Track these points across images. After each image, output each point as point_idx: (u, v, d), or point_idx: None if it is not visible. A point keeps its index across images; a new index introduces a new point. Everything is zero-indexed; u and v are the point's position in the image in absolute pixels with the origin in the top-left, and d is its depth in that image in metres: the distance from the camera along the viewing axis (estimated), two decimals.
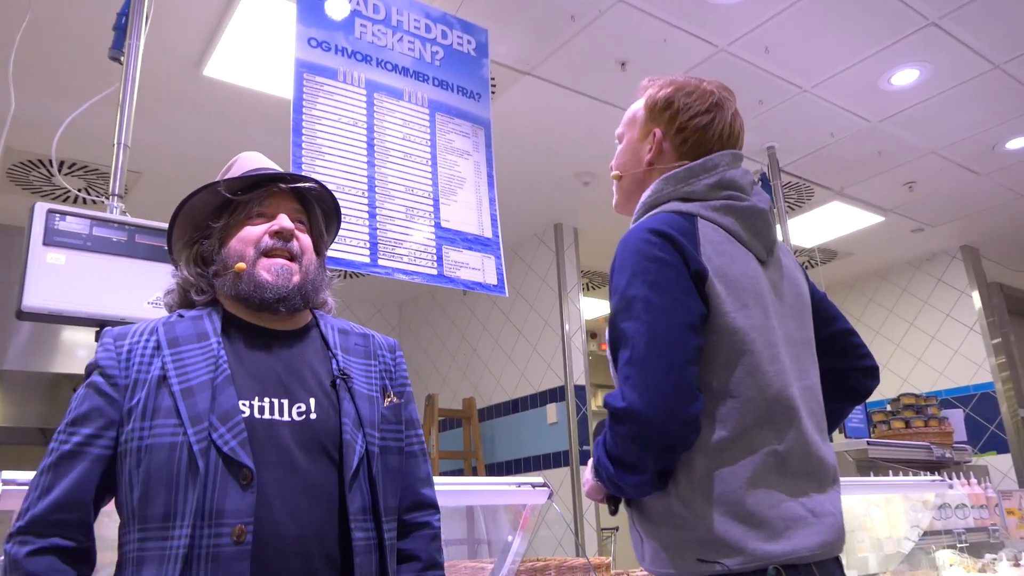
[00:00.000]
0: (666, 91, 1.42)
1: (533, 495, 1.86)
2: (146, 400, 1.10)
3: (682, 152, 1.39)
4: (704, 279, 1.22)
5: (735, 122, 1.42)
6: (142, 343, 1.17)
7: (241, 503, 1.05)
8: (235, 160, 1.36)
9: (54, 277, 1.72)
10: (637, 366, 1.16)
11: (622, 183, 1.48)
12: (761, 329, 1.25)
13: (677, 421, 1.13)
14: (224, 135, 3.78)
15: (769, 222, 1.37)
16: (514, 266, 5.35)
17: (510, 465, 5.21)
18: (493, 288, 2.51)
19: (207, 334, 1.19)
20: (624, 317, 1.21)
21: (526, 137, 3.96)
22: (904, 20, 3.15)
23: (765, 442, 1.20)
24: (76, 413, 1.12)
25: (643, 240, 1.24)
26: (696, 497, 1.18)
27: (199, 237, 1.29)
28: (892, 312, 6.14)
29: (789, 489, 1.19)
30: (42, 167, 4.00)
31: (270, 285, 1.22)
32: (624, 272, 1.24)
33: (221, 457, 1.06)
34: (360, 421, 1.20)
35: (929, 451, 4.02)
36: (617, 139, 1.51)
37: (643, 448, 1.15)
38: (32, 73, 3.16)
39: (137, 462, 1.07)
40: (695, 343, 1.18)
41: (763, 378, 1.22)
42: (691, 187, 1.34)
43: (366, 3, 2.57)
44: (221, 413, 1.09)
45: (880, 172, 4.56)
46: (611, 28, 3.11)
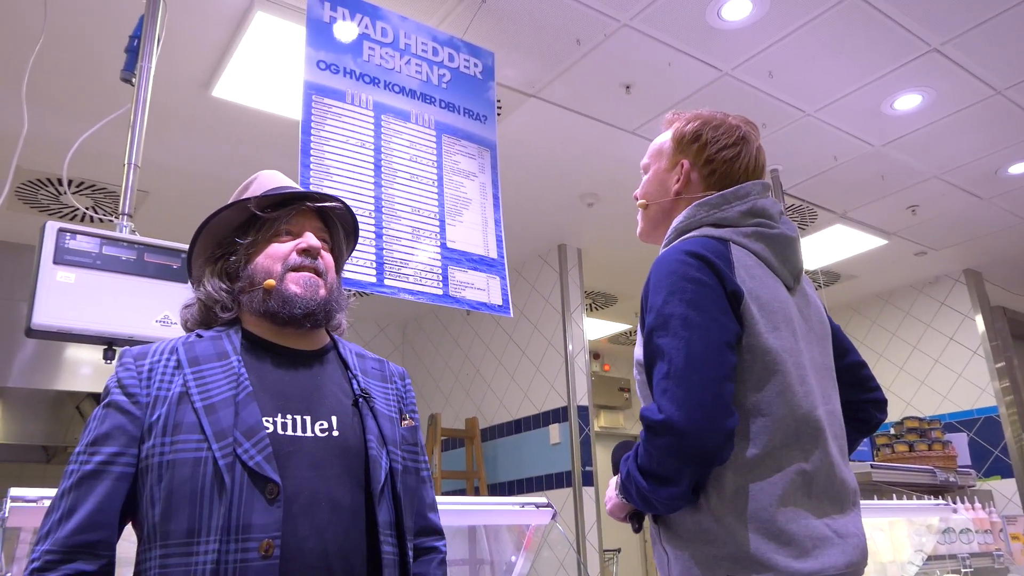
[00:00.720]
0: (694, 124, 1.47)
1: (537, 515, 1.86)
2: (167, 416, 1.10)
3: (709, 183, 1.44)
4: (740, 300, 1.26)
5: (760, 156, 1.48)
6: (163, 362, 1.16)
7: (268, 517, 1.04)
8: (255, 177, 1.36)
9: (64, 295, 1.74)
10: (675, 380, 1.19)
11: (648, 212, 1.53)
12: (791, 351, 1.29)
13: (715, 433, 1.16)
14: (233, 155, 3.81)
15: (797, 250, 1.42)
16: (518, 286, 5.36)
17: (512, 485, 5.19)
18: (498, 308, 2.53)
19: (227, 353, 1.18)
20: (661, 333, 1.24)
21: (531, 159, 3.99)
22: (906, 46, 3.18)
23: (793, 461, 1.23)
24: (97, 433, 1.10)
25: (680, 261, 1.28)
26: (727, 513, 1.20)
27: (223, 253, 1.28)
28: (895, 335, 6.13)
29: (814, 510, 1.22)
30: (51, 186, 4.03)
31: (299, 298, 1.22)
32: (660, 291, 1.27)
33: (247, 472, 1.06)
34: (383, 439, 1.21)
35: (933, 475, 4.01)
36: (643, 170, 1.56)
37: (680, 460, 1.17)
38: (44, 94, 3.20)
39: (159, 478, 1.06)
40: (731, 361, 1.21)
41: (793, 398, 1.25)
42: (724, 213, 1.38)
43: (374, 26, 2.61)
44: (245, 429, 1.09)
45: (883, 196, 4.58)
46: (616, 52, 3.15)
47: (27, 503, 1.26)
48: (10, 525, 1.24)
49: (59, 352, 4.61)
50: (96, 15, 2.80)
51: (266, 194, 1.28)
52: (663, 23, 2.98)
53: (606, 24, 2.98)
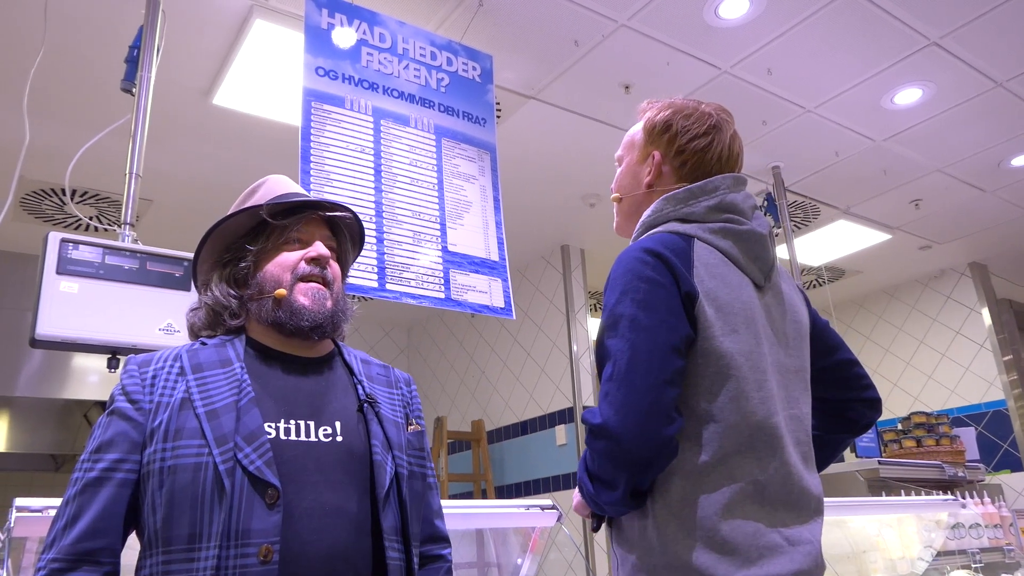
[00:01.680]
0: (664, 114, 1.42)
1: (542, 517, 1.87)
2: (168, 421, 1.10)
3: (681, 174, 1.39)
4: (694, 301, 1.22)
5: (734, 144, 1.42)
6: (166, 368, 1.16)
7: (267, 522, 1.04)
8: (264, 182, 1.35)
9: (67, 305, 1.75)
10: (616, 383, 1.16)
11: (622, 205, 1.49)
12: (749, 354, 1.23)
13: (650, 440, 1.13)
14: (234, 162, 3.83)
15: (768, 247, 1.36)
16: (522, 288, 5.37)
17: (520, 487, 5.19)
18: (500, 311, 2.53)
19: (230, 360, 1.18)
20: (611, 334, 1.21)
21: (532, 160, 4.00)
22: (905, 40, 3.18)
23: (746, 470, 1.18)
24: (100, 440, 1.10)
25: (636, 259, 1.25)
26: (671, 521, 1.17)
27: (231, 259, 1.28)
28: (901, 330, 6.11)
29: (768, 519, 1.18)
30: (55, 196, 4.05)
31: (307, 311, 1.22)
32: (615, 290, 1.24)
33: (247, 476, 1.06)
34: (389, 444, 1.21)
35: (941, 470, 3.99)
36: (617, 162, 1.52)
37: (616, 466, 1.15)
38: (46, 105, 3.22)
39: (160, 483, 1.06)
40: (677, 365, 1.17)
41: (747, 404, 1.20)
42: (691, 208, 1.34)
43: (372, 32, 2.62)
44: (246, 433, 1.09)
45: (886, 190, 4.57)
46: (614, 52, 3.15)
47: (32, 512, 1.27)
48: (16, 535, 1.25)
49: (66, 361, 4.63)
50: (96, 26, 2.81)
51: (277, 201, 1.27)
52: (660, 23, 2.98)
53: (604, 25, 2.98)
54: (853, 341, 6.20)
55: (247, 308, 1.25)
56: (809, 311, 1.46)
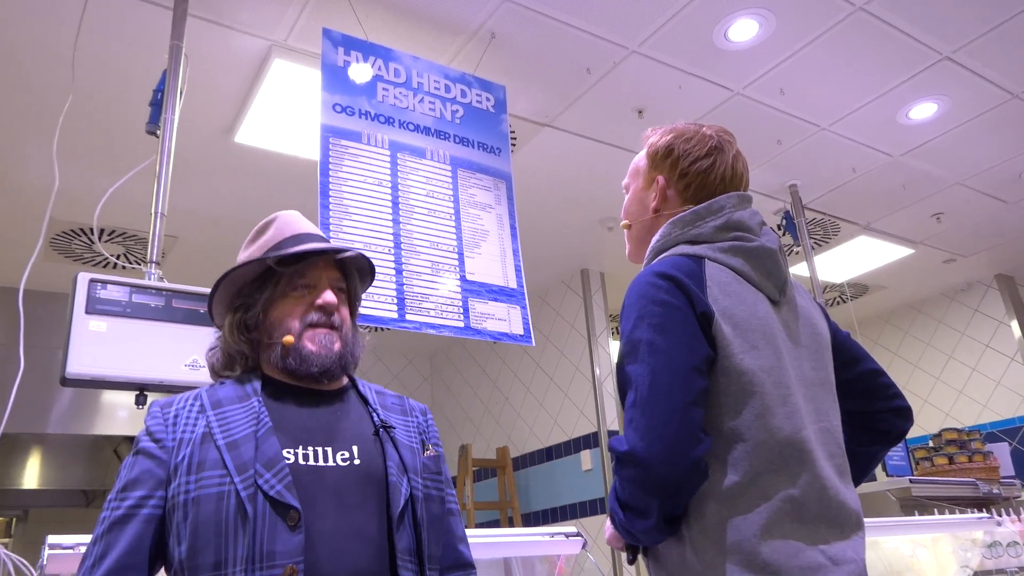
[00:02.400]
0: (666, 139, 1.44)
1: (567, 545, 1.86)
2: (191, 456, 1.13)
3: (686, 197, 1.40)
4: (710, 321, 1.22)
5: (737, 163, 1.42)
6: (187, 408, 1.20)
7: (290, 544, 1.06)
8: (274, 219, 1.37)
9: (96, 344, 1.79)
10: (640, 409, 1.16)
11: (632, 232, 1.50)
12: (771, 370, 1.23)
13: (679, 464, 1.12)
14: (255, 198, 3.90)
15: (779, 262, 1.36)
16: (543, 313, 5.38)
17: (547, 514, 5.16)
18: (520, 338, 2.55)
19: (248, 395, 1.22)
20: (630, 360, 1.22)
21: (549, 186, 4.03)
22: (917, 56, 3.18)
23: (779, 487, 1.17)
24: (127, 479, 1.13)
25: (649, 284, 1.25)
26: (709, 546, 1.15)
27: (241, 304, 1.31)
28: (929, 345, 6.03)
29: (808, 537, 1.16)
30: (83, 236, 4.14)
31: (315, 357, 1.25)
32: (630, 316, 1.25)
33: (268, 501, 1.08)
34: (404, 467, 1.23)
35: (975, 487, 3.92)
36: (624, 189, 1.53)
37: (646, 492, 1.14)
38: (75, 149, 3.31)
39: (184, 515, 1.08)
40: (700, 385, 1.17)
41: (773, 420, 1.19)
42: (698, 230, 1.34)
43: (387, 68, 2.67)
44: (265, 460, 1.12)
45: (906, 205, 4.54)
46: (626, 78, 3.18)
47: (65, 550, 1.30)
48: (49, 572, 1.27)
49: (95, 397, 4.70)
50: (121, 72, 2.90)
51: (283, 252, 1.29)
52: (671, 48, 3.02)
53: (615, 52, 3.02)
54: (880, 357, 6.11)
55: (257, 353, 1.29)
56: (828, 323, 1.45)
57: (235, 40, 2.80)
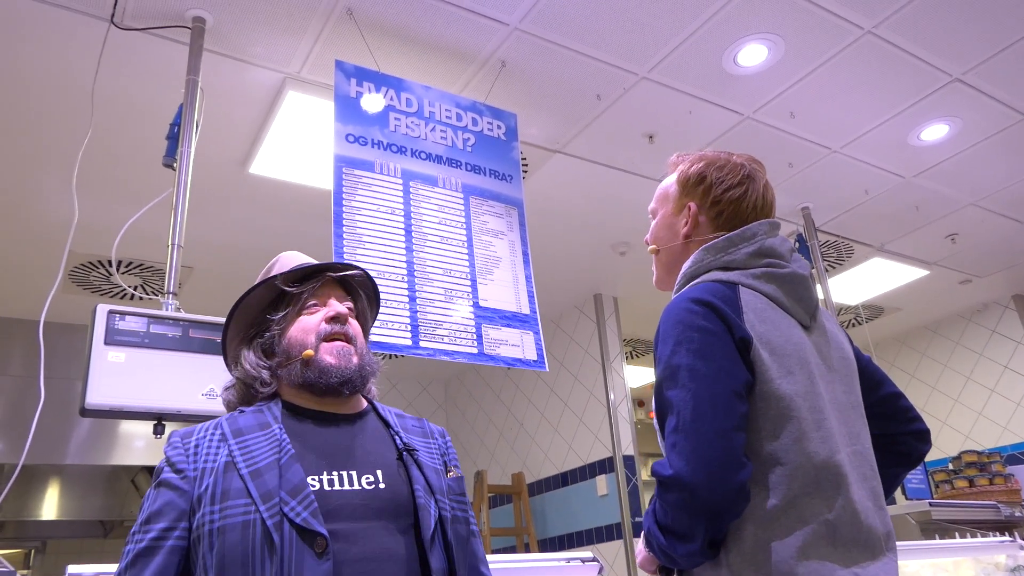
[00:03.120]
0: (698, 166, 1.46)
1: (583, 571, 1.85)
2: (214, 485, 1.13)
3: (717, 224, 1.42)
4: (749, 346, 1.23)
5: (767, 193, 1.45)
6: (207, 437, 1.21)
7: (318, 571, 1.06)
8: (277, 259, 1.43)
9: (115, 375, 1.81)
10: (683, 433, 1.16)
11: (660, 257, 1.51)
12: (806, 395, 1.24)
13: (724, 488, 1.13)
14: (270, 228, 3.94)
15: (810, 287, 1.38)
16: (556, 338, 5.38)
17: (563, 540, 5.12)
18: (533, 364, 2.55)
19: (268, 423, 1.23)
20: (669, 385, 1.22)
21: (560, 212, 4.05)
22: (927, 78, 3.19)
23: (816, 510, 1.18)
24: (149, 511, 1.14)
25: (686, 309, 1.26)
26: (746, 568, 1.16)
27: (256, 332, 1.34)
28: (947, 367, 5.97)
29: (842, 559, 1.17)
30: (101, 268, 4.20)
31: (334, 368, 1.27)
32: (668, 341, 1.26)
33: (295, 529, 1.08)
34: (431, 488, 1.24)
35: (997, 510, 3.86)
36: (650, 215, 1.54)
37: (692, 516, 1.14)
38: (93, 182, 3.37)
39: (211, 545, 1.09)
40: (741, 410, 1.18)
41: (809, 445, 1.21)
42: (731, 256, 1.36)
43: (399, 97, 2.71)
44: (290, 488, 1.12)
45: (920, 226, 4.53)
46: (636, 104, 3.21)
47: None
48: None
49: (113, 428, 4.73)
50: (138, 107, 2.96)
51: (290, 270, 1.35)
52: (680, 73, 3.04)
53: (624, 79, 3.05)
54: (898, 379, 6.04)
55: (277, 375, 1.31)
56: (853, 347, 1.47)
57: (250, 73, 2.85)
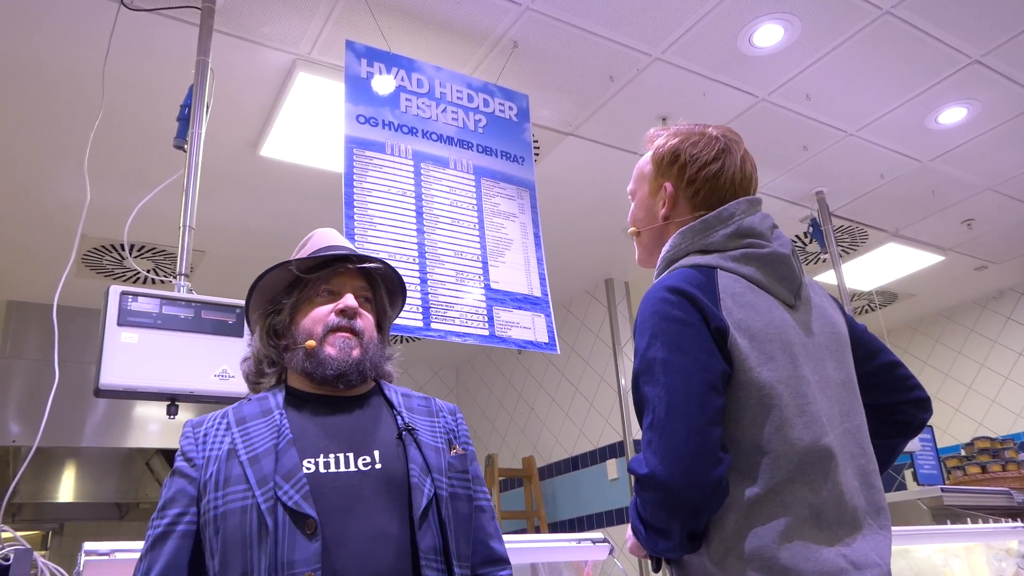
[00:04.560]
0: (671, 143, 1.40)
1: (594, 551, 1.85)
2: (218, 473, 1.18)
3: (696, 203, 1.37)
4: (725, 335, 1.20)
5: (745, 164, 1.39)
6: (215, 426, 1.26)
7: (308, 552, 1.10)
8: (310, 236, 1.44)
9: (128, 355, 1.82)
10: (658, 431, 1.15)
11: (641, 238, 1.48)
12: (788, 380, 1.21)
13: (699, 486, 1.11)
14: (281, 211, 3.94)
15: (792, 266, 1.33)
16: (567, 323, 5.37)
17: (573, 523, 5.13)
18: (544, 346, 2.54)
19: (270, 409, 1.27)
20: (646, 380, 1.20)
21: (572, 195, 4.03)
22: (946, 60, 3.15)
23: (799, 496, 1.16)
24: (165, 499, 1.20)
25: (661, 299, 1.23)
26: (727, 555, 1.15)
27: (271, 311, 1.37)
28: (961, 353, 5.93)
29: (827, 539, 1.15)
30: (113, 251, 4.21)
31: (331, 361, 1.29)
32: (644, 333, 1.23)
33: (287, 512, 1.12)
34: (428, 468, 1.25)
35: (1009, 496, 3.84)
36: (630, 195, 1.51)
37: (669, 514, 1.14)
38: (105, 165, 3.37)
39: (216, 530, 1.14)
40: (716, 403, 1.16)
41: (792, 432, 1.18)
42: (708, 239, 1.32)
43: (410, 78, 2.70)
44: (284, 472, 1.16)
45: (936, 211, 4.48)
46: (650, 85, 3.18)
47: (100, 556, 1.33)
48: None
49: (128, 411, 4.76)
50: (149, 88, 2.95)
51: (305, 258, 1.37)
52: (695, 54, 3.01)
53: (638, 59, 3.02)
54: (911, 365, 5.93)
55: (283, 357, 1.34)
56: (846, 318, 1.43)
57: (260, 55, 2.84)
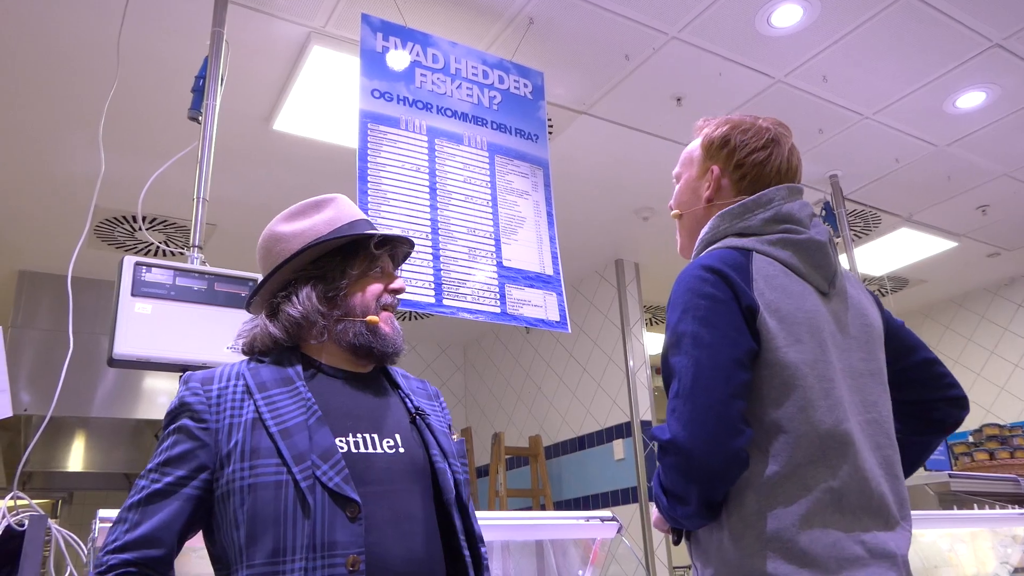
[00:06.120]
0: (722, 129, 1.45)
1: (602, 529, 1.86)
2: (243, 442, 1.14)
3: (740, 188, 1.41)
4: (755, 314, 1.23)
5: (792, 157, 1.44)
6: (231, 388, 1.20)
7: (351, 534, 1.09)
8: (332, 200, 1.36)
9: (142, 325, 1.82)
10: (683, 399, 1.19)
11: (683, 221, 1.51)
12: (814, 363, 1.24)
13: (719, 454, 1.15)
14: (294, 186, 3.94)
15: (828, 254, 1.36)
16: (576, 303, 5.37)
17: (578, 502, 5.16)
18: (556, 324, 2.54)
19: (291, 379, 1.22)
20: (674, 352, 1.24)
21: (585, 175, 4.01)
22: (966, 43, 3.11)
23: (819, 479, 1.18)
24: (168, 455, 1.14)
25: (695, 276, 1.27)
26: (746, 533, 1.18)
27: (321, 275, 1.29)
28: (971, 340, 5.91)
29: (848, 526, 1.17)
30: (125, 223, 4.22)
31: (390, 339, 1.29)
32: (676, 308, 1.27)
33: (327, 492, 1.11)
34: (444, 453, 1.28)
35: (1017, 483, 3.84)
36: (675, 179, 1.54)
37: (687, 480, 1.17)
38: (117, 137, 3.37)
39: (241, 501, 1.11)
40: (742, 378, 1.19)
41: (815, 413, 1.21)
42: (746, 222, 1.35)
43: (425, 53, 2.68)
44: (321, 452, 1.14)
45: (950, 196, 4.45)
46: (665, 65, 3.15)
47: None
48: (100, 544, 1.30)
49: (137, 382, 4.79)
50: (164, 60, 2.94)
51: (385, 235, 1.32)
52: (712, 34, 2.98)
53: (654, 38, 2.99)
54: None
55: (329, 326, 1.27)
56: (882, 312, 1.46)
57: (274, 27, 2.82)
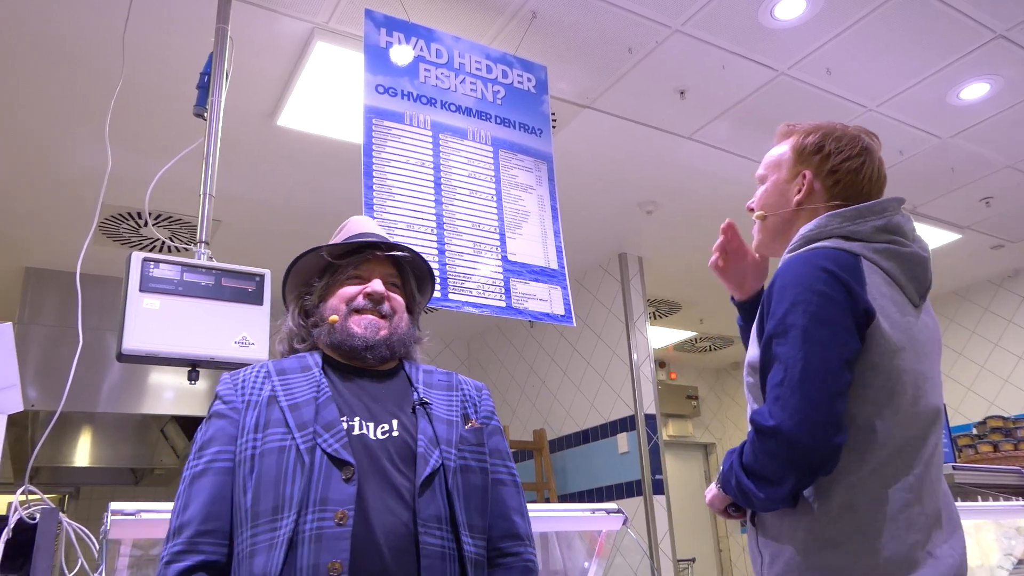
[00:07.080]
0: (815, 136, 1.48)
1: (608, 521, 1.87)
2: (258, 416, 1.25)
3: (833, 193, 1.44)
4: (871, 318, 1.27)
5: (882, 167, 1.48)
6: (253, 375, 1.34)
7: (343, 493, 1.16)
8: (345, 224, 1.54)
9: (150, 321, 1.84)
10: (790, 389, 1.22)
11: (767, 223, 1.53)
12: (911, 372, 1.29)
13: (822, 448, 1.19)
14: (299, 181, 3.95)
15: (928, 269, 1.41)
16: (580, 297, 5.37)
17: (583, 495, 5.18)
18: (561, 318, 2.55)
19: (310, 367, 1.35)
20: (780, 341, 1.27)
21: (588, 169, 4.01)
22: (969, 34, 3.10)
23: (902, 480, 1.24)
24: (202, 440, 1.26)
25: (809, 273, 1.30)
26: (830, 526, 1.23)
27: (304, 292, 1.47)
28: (975, 333, 5.91)
29: (921, 527, 1.23)
30: (131, 220, 4.24)
31: (359, 335, 1.37)
32: (785, 299, 1.30)
33: (325, 455, 1.19)
34: (436, 440, 1.30)
35: (1020, 475, 3.84)
36: (759, 180, 1.57)
37: (785, 467, 1.21)
38: (125, 133, 3.38)
39: (251, 469, 1.20)
40: (847, 378, 1.23)
41: (906, 419, 1.27)
42: (857, 227, 1.38)
43: (429, 48, 2.68)
44: (324, 423, 1.23)
45: (954, 189, 4.44)
46: (668, 58, 3.15)
47: (126, 516, 1.36)
48: (112, 537, 1.32)
49: (143, 377, 4.81)
50: (169, 56, 2.95)
51: (336, 244, 1.46)
52: (715, 26, 2.98)
53: (657, 31, 2.99)
54: None
55: (312, 334, 1.43)
56: None
57: (278, 23, 2.83)
